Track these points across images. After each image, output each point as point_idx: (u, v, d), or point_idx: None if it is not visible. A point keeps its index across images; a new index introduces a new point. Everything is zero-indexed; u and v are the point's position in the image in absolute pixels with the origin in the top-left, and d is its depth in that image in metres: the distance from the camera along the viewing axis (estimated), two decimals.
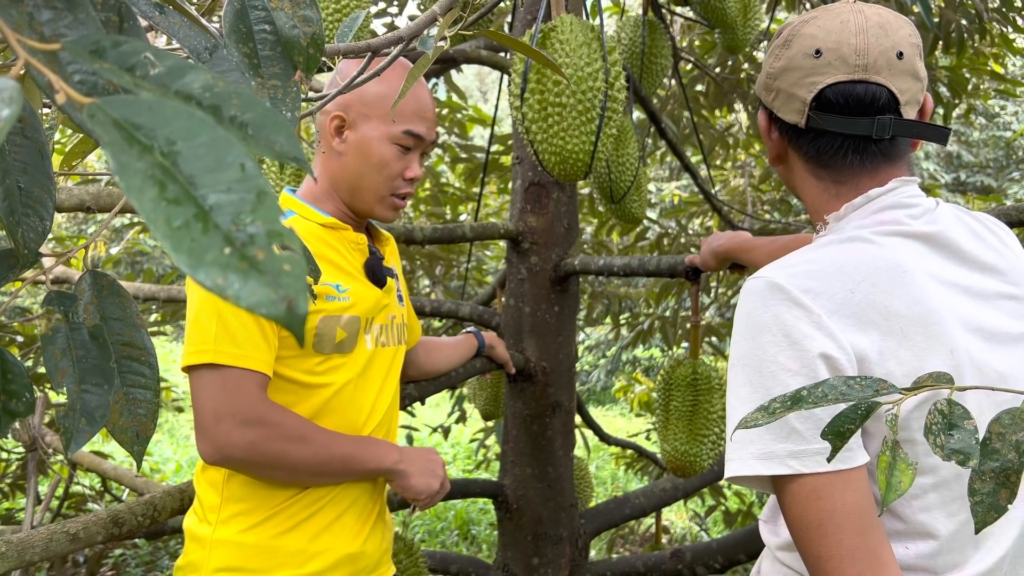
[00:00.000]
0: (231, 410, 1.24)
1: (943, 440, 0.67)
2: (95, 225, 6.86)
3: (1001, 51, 3.90)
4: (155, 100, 0.36)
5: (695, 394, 2.04)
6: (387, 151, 1.42)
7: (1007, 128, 12.00)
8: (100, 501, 3.42)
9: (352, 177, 1.44)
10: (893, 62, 0.99)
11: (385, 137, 1.42)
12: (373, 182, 1.43)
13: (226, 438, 1.23)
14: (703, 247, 1.81)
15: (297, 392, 1.35)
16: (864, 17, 1.01)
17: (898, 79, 1.00)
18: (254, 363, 1.26)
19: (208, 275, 0.31)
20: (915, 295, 0.93)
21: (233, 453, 1.25)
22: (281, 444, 1.26)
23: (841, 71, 1.00)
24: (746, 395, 0.92)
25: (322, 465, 1.32)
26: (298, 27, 0.63)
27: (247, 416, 1.24)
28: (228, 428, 1.23)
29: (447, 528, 5.44)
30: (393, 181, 1.44)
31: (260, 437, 1.25)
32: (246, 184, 0.34)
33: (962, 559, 0.95)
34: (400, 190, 1.46)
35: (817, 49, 1.01)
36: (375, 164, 1.42)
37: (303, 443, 1.28)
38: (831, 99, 1.02)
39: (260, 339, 1.27)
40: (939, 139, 1.03)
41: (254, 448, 1.25)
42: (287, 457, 1.28)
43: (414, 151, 1.46)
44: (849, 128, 1.01)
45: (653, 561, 2.66)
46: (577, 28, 1.47)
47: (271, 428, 1.25)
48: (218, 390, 1.24)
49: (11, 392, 0.55)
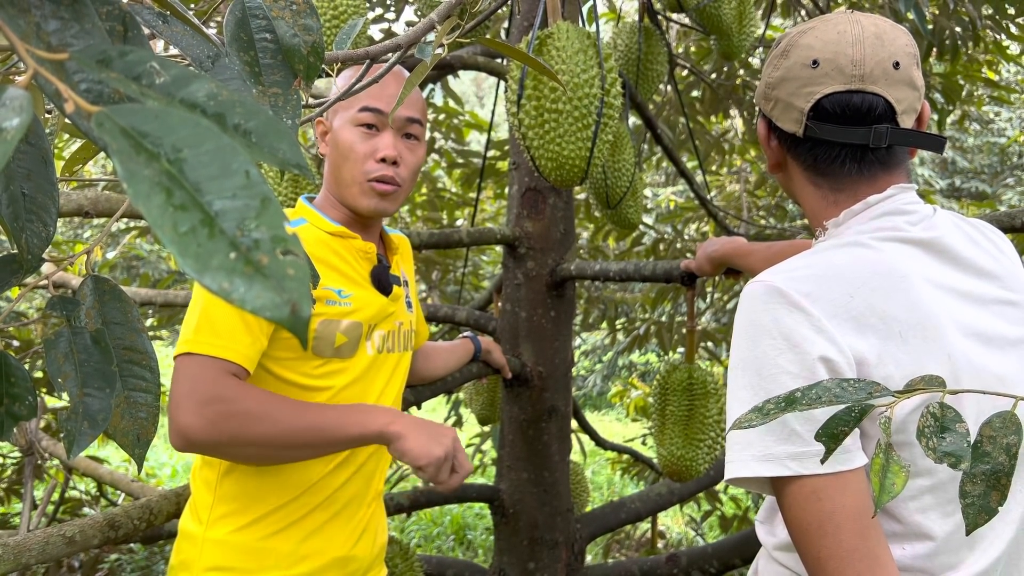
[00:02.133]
0: (190, 393, 1.21)
1: (935, 443, 0.68)
2: (91, 230, 6.86)
3: (995, 58, 3.92)
4: (161, 109, 0.37)
5: (691, 399, 2.05)
6: (350, 135, 1.41)
7: (1001, 134, 12.05)
8: (96, 506, 3.41)
9: (333, 174, 1.45)
10: (889, 72, 1.00)
11: (347, 122, 1.42)
12: (348, 172, 1.42)
13: (185, 420, 1.20)
14: (699, 252, 1.82)
15: (296, 395, 1.36)
16: (861, 28, 1.02)
17: (894, 89, 1.01)
18: (227, 352, 1.24)
19: (214, 279, 0.32)
20: (913, 300, 0.94)
21: (195, 436, 1.20)
22: (240, 420, 1.21)
23: (838, 81, 1.01)
24: (746, 398, 0.93)
25: (291, 437, 1.24)
26: (299, 36, 0.63)
27: (204, 396, 1.21)
28: (186, 411, 1.20)
29: (443, 533, 5.43)
30: (363, 164, 1.41)
31: (218, 415, 1.20)
32: (251, 191, 0.34)
33: (958, 560, 0.96)
34: (373, 173, 1.41)
35: (814, 60, 1.02)
36: (344, 152, 1.42)
37: (264, 419, 1.23)
38: (828, 109, 1.03)
39: (242, 332, 1.26)
40: (935, 148, 1.04)
41: (213, 427, 1.20)
42: (249, 432, 1.22)
43: (381, 130, 1.42)
44: (846, 137, 1.03)
45: (649, 565, 2.66)
46: (573, 35, 1.49)
47: (227, 404, 1.21)
48: (183, 377, 1.23)
49: (14, 395, 0.56)
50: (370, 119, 1.41)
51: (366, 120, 1.41)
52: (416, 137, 1.47)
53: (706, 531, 4.71)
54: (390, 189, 1.43)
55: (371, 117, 1.41)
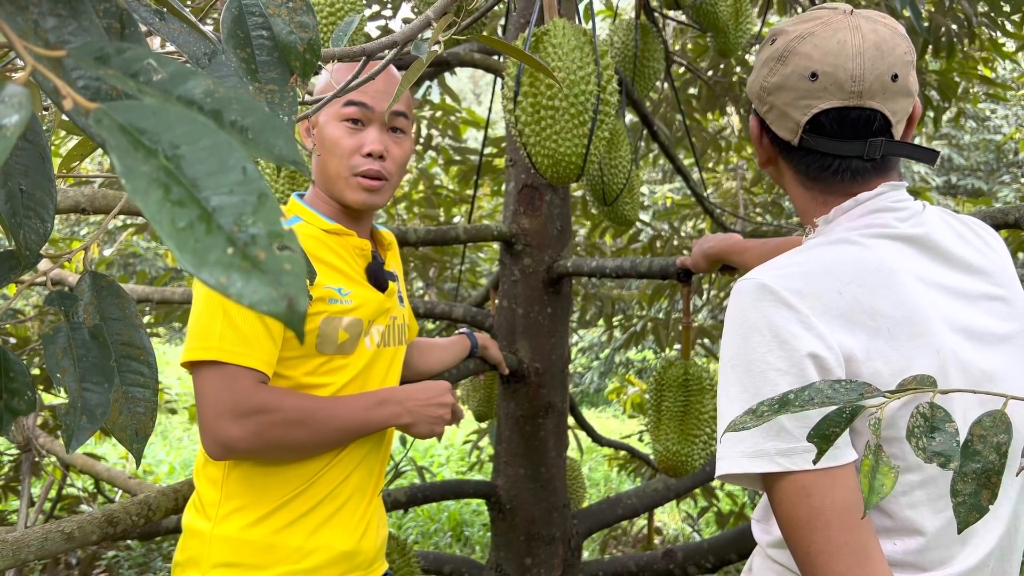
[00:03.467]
0: (229, 405, 1.26)
1: (925, 443, 0.69)
2: (88, 227, 6.85)
3: (990, 55, 3.93)
4: (158, 105, 0.37)
5: (687, 395, 2.06)
6: (336, 130, 1.42)
7: (997, 131, 12.07)
8: (93, 503, 3.42)
9: (321, 170, 1.46)
10: (888, 85, 1.00)
11: (332, 118, 1.42)
12: (335, 167, 1.43)
13: (227, 433, 1.26)
14: (695, 249, 1.82)
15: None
16: (861, 36, 1.00)
17: (891, 101, 1.01)
18: (255, 361, 1.28)
19: (211, 274, 0.33)
20: (901, 296, 0.95)
21: (237, 445, 1.27)
22: (282, 430, 1.29)
23: (837, 97, 1.00)
24: (736, 394, 0.94)
25: (328, 438, 1.35)
26: (295, 32, 0.64)
27: (245, 408, 1.26)
28: (228, 423, 1.26)
29: (440, 529, 5.44)
30: (349, 159, 1.41)
31: (260, 426, 1.27)
32: (247, 186, 0.35)
33: (949, 555, 0.96)
34: (359, 168, 1.41)
35: (813, 72, 1.00)
36: (330, 147, 1.42)
37: (303, 425, 1.30)
38: (825, 124, 1.02)
39: (266, 339, 1.30)
40: (928, 160, 1.05)
41: (257, 438, 1.27)
42: (290, 440, 1.30)
43: (367, 125, 1.43)
44: (841, 151, 1.03)
45: (645, 561, 2.67)
46: (570, 32, 1.49)
47: (270, 415, 1.28)
48: (218, 387, 1.27)
49: (13, 390, 0.56)
50: (355, 114, 1.41)
51: (351, 115, 1.41)
52: (402, 130, 1.48)
53: (702, 527, 4.73)
54: (377, 184, 1.44)
55: (356, 112, 1.41)
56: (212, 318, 1.28)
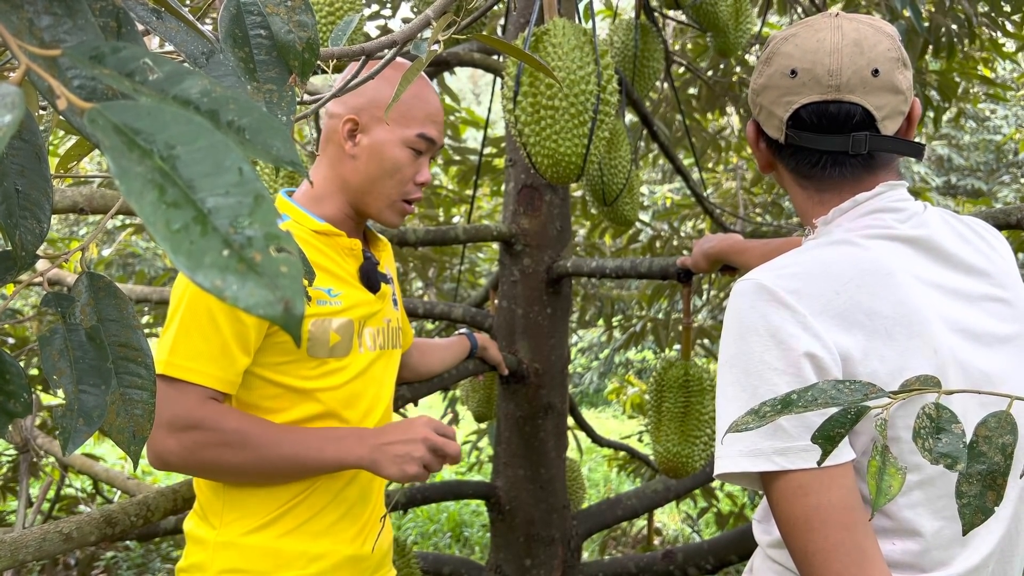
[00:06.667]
0: (168, 417, 1.25)
1: (931, 444, 0.68)
2: (86, 227, 6.84)
3: (991, 55, 3.93)
4: (154, 105, 0.37)
5: (687, 395, 2.05)
6: (401, 155, 1.42)
7: (997, 132, 12.06)
8: (92, 504, 3.41)
9: (364, 181, 1.43)
10: (868, 80, 1.01)
11: (399, 141, 1.42)
12: (385, 186, 1.43)
13: (163, 444, 1.25)
14: (695, 249, 1.82)
15: (291, 398, 1.35)
16: (841, 34, 1.02)
17: (873, 96, 1.02)
18: (204, 378, 1.26)
19: (207, 276, 0.32)
20: (900, 296, 0.95)
21: (170, 459, 1.26)
22: (216, 451, 1.26)
23: (815, 91, 1.02)
24: (734, 394, 0.95)
25: (269, 467, 1.29)
26: (293, 32, 0.63)
27: (183, 422, 1.25)
28: (165, 434, 1.25)
29: (440, 530, 5.44)
30: (405, 185, 1.44)
31: (195, 443, 1.25)
32: (244, 188, 0.34)
33: (948, 557, 0.96)
34: (411, 195, 1.46)
35: (793, 69, 1.04)
36: (388, 168, 1.42)
37: (242, 448, 1.26)
38: (805, 118, 1.04)
39: (220, 355, 1.27)
40: (914, 154, 1.05)
41: (191, 454, 1.25)
42: (227, 461, 1.27)
43: (425, 155, 1.46)
44: (824, 145, 1.04)
45: (645, 562, 2.67)
46: (570, 31, 1.49)
47: (207, 433, 1.25)
48: (163, 399, 1.25)
49: (9, 392, 0.56)
50: (423, 146, 1.44)
51: (419, 146, 1.43)
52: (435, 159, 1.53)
53: (702, 528, 4.72)
54: (413, 210, 1.50)
55: (424, 145, 1.44)
56: (168, 330, 1.28)
